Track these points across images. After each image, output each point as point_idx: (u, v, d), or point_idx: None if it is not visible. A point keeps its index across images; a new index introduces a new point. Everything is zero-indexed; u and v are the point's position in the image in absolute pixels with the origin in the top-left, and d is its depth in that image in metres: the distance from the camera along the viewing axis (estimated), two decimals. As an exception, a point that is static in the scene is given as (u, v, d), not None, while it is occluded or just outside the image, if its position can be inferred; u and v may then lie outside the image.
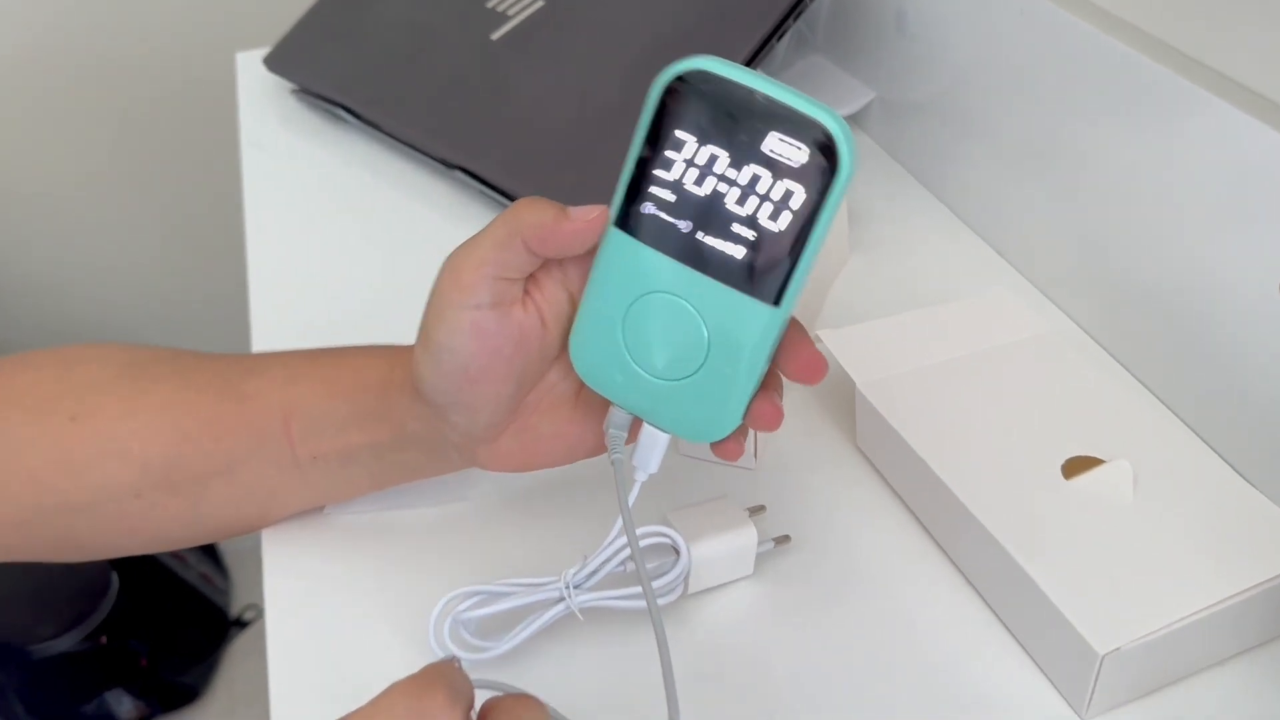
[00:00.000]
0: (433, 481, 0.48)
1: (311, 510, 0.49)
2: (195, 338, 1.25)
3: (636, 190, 0.35)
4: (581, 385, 0.41)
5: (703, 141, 0.34)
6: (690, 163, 0.34)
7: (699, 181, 0.34)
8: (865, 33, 0.74)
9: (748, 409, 0.37)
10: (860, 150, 0.72)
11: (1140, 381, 0.55)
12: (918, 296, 0.61)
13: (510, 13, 0.73)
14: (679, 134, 0.34)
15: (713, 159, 0.34)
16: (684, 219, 0.35)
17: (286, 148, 0.77)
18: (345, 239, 0.69)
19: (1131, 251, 0.54)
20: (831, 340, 0.52)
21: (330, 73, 0.78)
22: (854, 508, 0.50)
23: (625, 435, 0.39)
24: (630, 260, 0.36)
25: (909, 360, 0.52)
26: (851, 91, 0.75)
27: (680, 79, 0.34)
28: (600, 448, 0.42)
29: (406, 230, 0.69)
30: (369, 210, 0.71)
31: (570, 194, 0.68)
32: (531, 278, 0.39)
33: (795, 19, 0.66)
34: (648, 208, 0.35)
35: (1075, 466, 0.47)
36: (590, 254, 0.37)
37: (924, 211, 0.70)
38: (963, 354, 0.52)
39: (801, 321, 0.37)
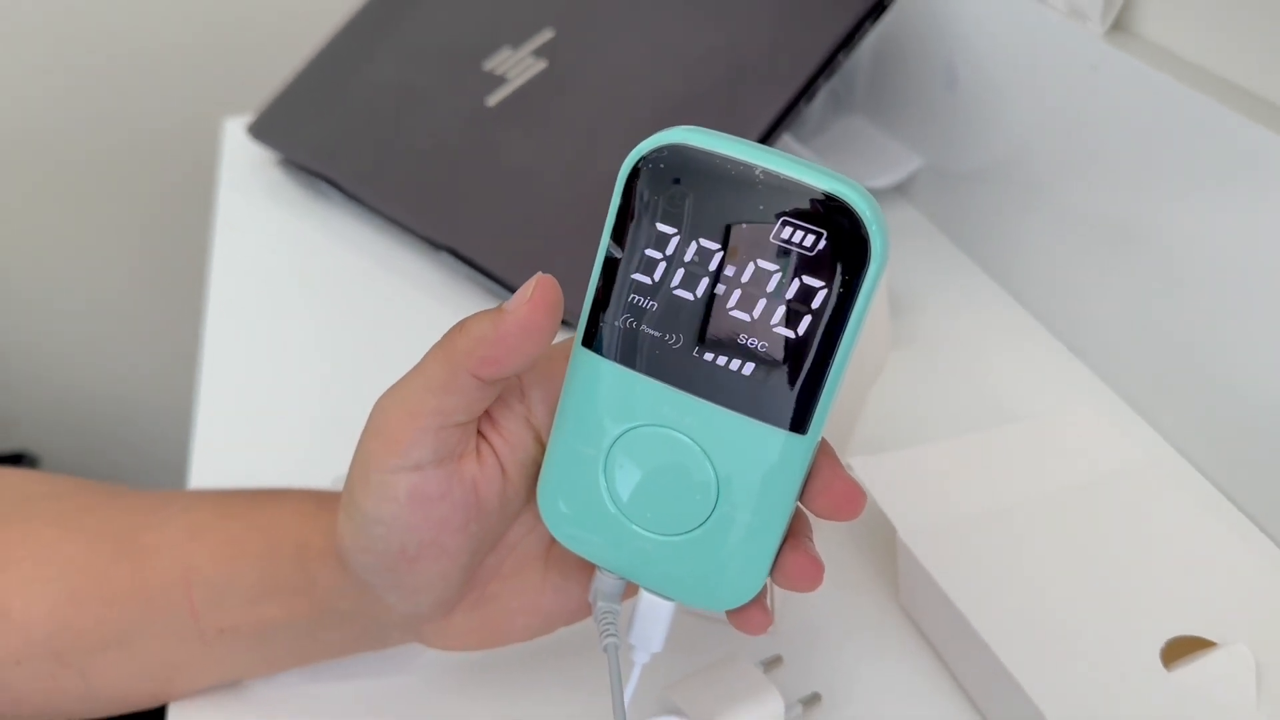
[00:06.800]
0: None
1: (225, 684, 0.41)
2: (150, 432, 1.25)
3: (608, 300, 0.29)
4: (552, 540, 0.34)
5: (689, 235, 0.28)
6: (676, 261, 0.28)
7: (690, 285, 0.28)
8: (911, 90, 0.67)
9: (774, 563, 0.30)
10: (906, 226, 0.67)
11: (1267, 534, 0.45)
12: (975, 408, 0.53)
13: (509, 75, 0.66)
14: (659, 228, 0.28)
15: (705, 255, 0.28)
16: (674, 332, 0.29)
17: (266, 225, 0.72)
18: (317, 326, 0.63)
19: (1251, 359, 0.46)
20: (867, 471, 0.43)
21: (313, 142, 0.72)
22: (891, 676, 0.41)
23: (618, 609, 0.33)
24: (608, 387, 0.30)
25: (965, 500, 0.43)
26: (896, 158, 0.68)
27: (652, 159, 0.28)
28: (582, 611, 0.35)
29: (386, 314, 0.64)
30: (348, 293, 0.66)
31: (567, 276, 0.59)
32: (486, 416, 0.32)
33: (829, 77, 0.58)
34: (626, 321, 0.29)
35: (1179, 650, 0.37)
36: (556, 380, 0.31)
37: (981, 300, 0.62)
38: (1033, 492, 0.43)
39: (830, 441, 0.31)
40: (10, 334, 1.19)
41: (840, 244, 0.27)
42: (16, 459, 1.14)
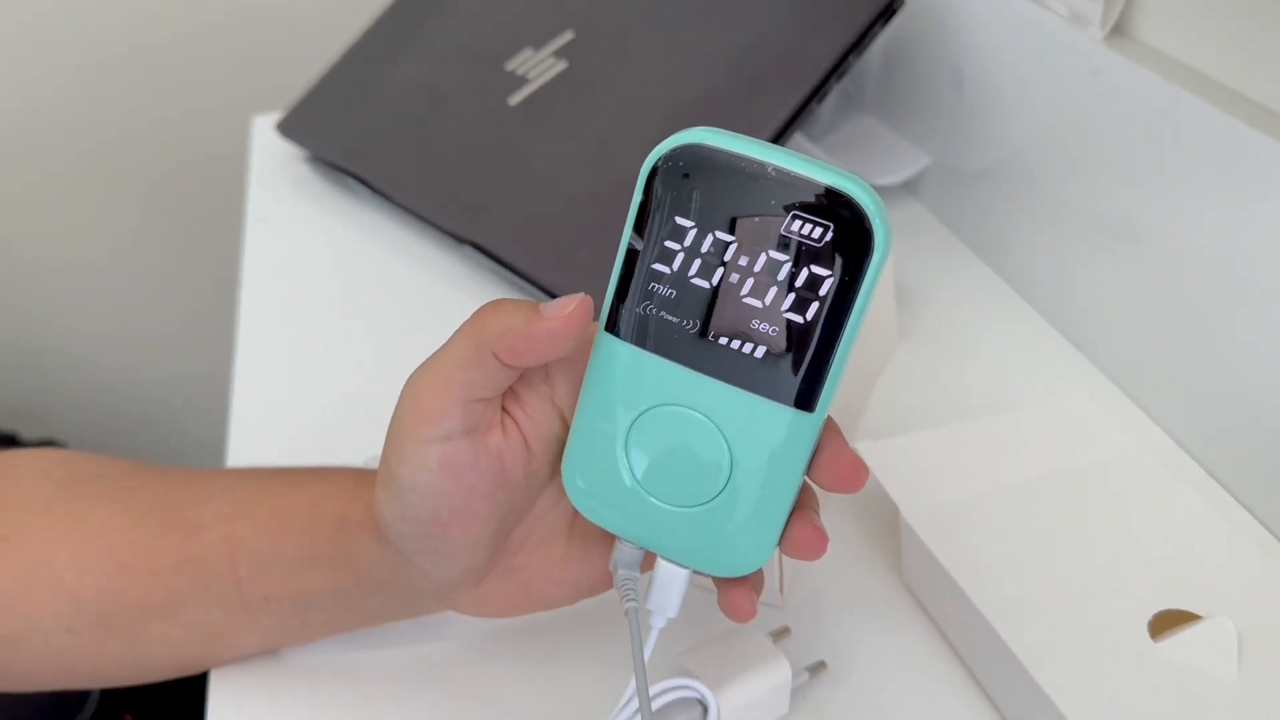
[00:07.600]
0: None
1: (265, 652, 0.43)
2: (180, 419, 1.27)
3: (629, 289, 0.31)
4: (575, 514, 0.36)
5: (705, 227, 0.30)
6: (693, 252, 0.30)
7: (706, 273, 0.30)
8: (919, 92, 0.69)
9: (783, 534, 0.32)
10: (913, 222, 0.69)
11: (1252, 514, 0.47)
12: (977, 396, 0.54)
13: (530, 75, 0.68)
14: (677, 221, 0.30)
15: (720, 246, 0.30)
16: (690, 318, 0.30)
17: (294, 219, 0.74)
18: (345, 317, 0.66)
19: (1239, 351, 0.47)
20: (873, 455, 0.45)
21: (341, 140, 0.74)
22: (893, 646, 0.43)
23: (638, 575, 0.35)
24: (629, 369, 0.32)
25: (965, 482, 0.45)
26: (904, 156, 0.70)
27: (671, 157, 0.30)
28: (604, 582, 0.37)
29: (412, 306, 0.66)
30: (375, 285, 0.68)
31: (585, 271, 0.60)
32: (510, 393, 0.34)
33: (839, 78, 0.60)
34: (645, 308, 0.31)
35: (1165, 623, 0.39)
36: (580, 363, 0.33)
37: (985, 293, 0.63)
38: (1030, 475, 0.45)
39: (843, 427, 0.32)
40: (42, 325, 1.22)
41: (845, 236, 0.28)
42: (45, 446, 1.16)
